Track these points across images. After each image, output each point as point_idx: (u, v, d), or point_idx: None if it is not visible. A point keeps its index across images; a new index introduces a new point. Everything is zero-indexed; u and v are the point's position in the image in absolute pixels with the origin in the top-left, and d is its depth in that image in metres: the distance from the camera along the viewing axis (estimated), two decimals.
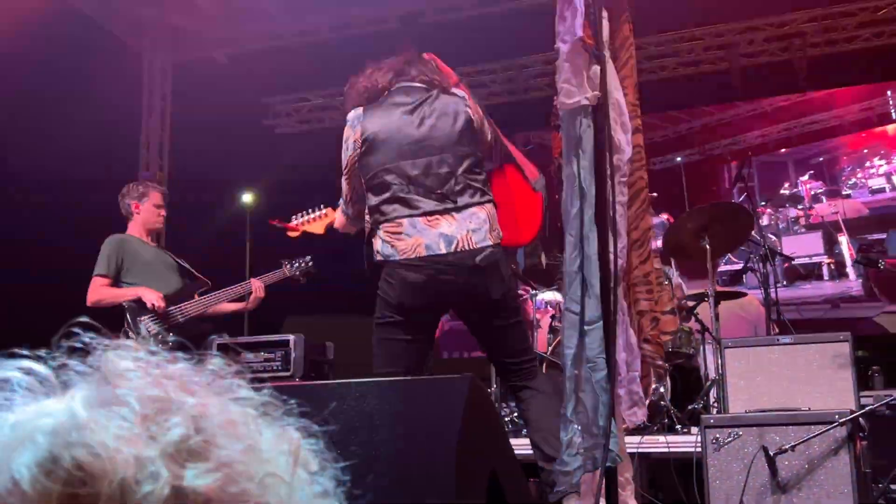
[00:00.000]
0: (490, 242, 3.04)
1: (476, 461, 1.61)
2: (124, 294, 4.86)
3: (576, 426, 2.24)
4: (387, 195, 3.15)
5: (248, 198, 8.57)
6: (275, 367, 6.20)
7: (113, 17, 8.90)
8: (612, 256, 2.21)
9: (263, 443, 0.66)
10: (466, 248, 3.01)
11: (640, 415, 2.35)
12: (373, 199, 3.20)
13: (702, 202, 8.38)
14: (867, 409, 4.57)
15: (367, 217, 3.27)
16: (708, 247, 6.14)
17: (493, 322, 3.12)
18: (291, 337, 6.26)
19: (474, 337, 3.27)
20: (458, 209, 3.04)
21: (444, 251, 3.01)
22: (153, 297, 4.79)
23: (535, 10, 8.44)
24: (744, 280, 9.13)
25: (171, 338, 4.78)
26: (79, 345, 0.69)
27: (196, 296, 5.04)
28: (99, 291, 4.88)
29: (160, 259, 5.18)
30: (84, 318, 0.74)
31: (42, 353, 0.68)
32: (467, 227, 3.02)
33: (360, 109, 3.34)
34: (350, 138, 3.33)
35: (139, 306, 4.79)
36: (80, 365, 0.66)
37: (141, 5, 8.99)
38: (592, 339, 2.21)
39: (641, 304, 2.40)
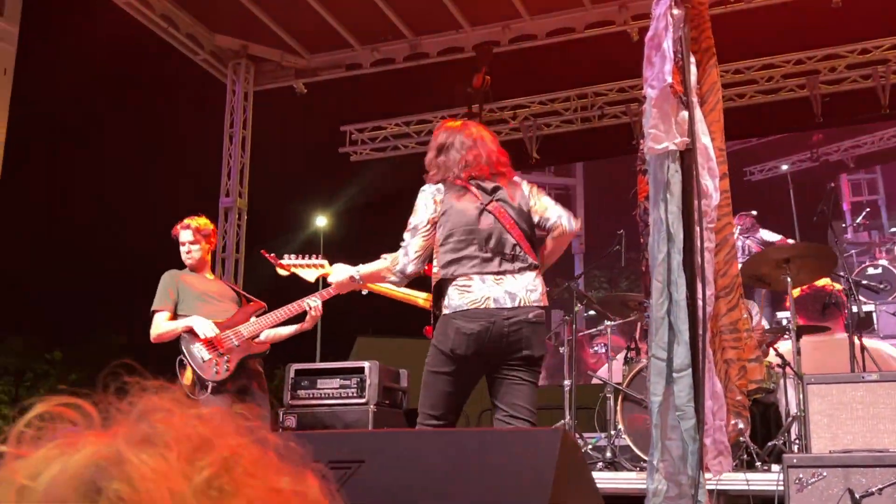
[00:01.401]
0: (542, 304, 3.46)
1: None
2: (178, 326, 4.97)
3: (661, 475, 2.22)
4: (461, 253, 3.52)
5: (322, 222, 8.71)
6: (350, 394, 6.26)
7: (199, 48, 9.20)
8: (700, 303, 2.19)
9: (284, 484, 0.69)
10: (524, 304, 3.41)
11: (725, 464, 2.32)
12: (448, 255, 3.51)
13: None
14: None
15: (437, 271, 3.56)
16: (789, 279, 6.04)
17: (522, 376, 3.45)
18: (367, 364, 6.31)
19: (492, 393, 3.53)
20: (519, 271, 3.49)
21: (509, 305, 3.40)
22: (204, 327, 4.90)
23: (604, 40, 8.46)
24: (874, 324, 8.78)
25: (225, 363, 4.86)
26: (121, 384, 0.74)
27: (252, 318, 5.08)
28: (159, 326, 5.03)
29: (214, 289, 5.25)
30: (127, 361, 0.79)
31: (86, 391, 0.73)
32: (525, 287, 3.44)
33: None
34: (431, 199, 3.63)
35: (192, 336, 4.90)
36: (122, 404, 0.70)
37: (226, 38, 9.27)
38: (681, 387, 2.19)
39: (729, 352, 2.37)
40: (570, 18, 8.66)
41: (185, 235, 5.24)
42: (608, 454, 6.16)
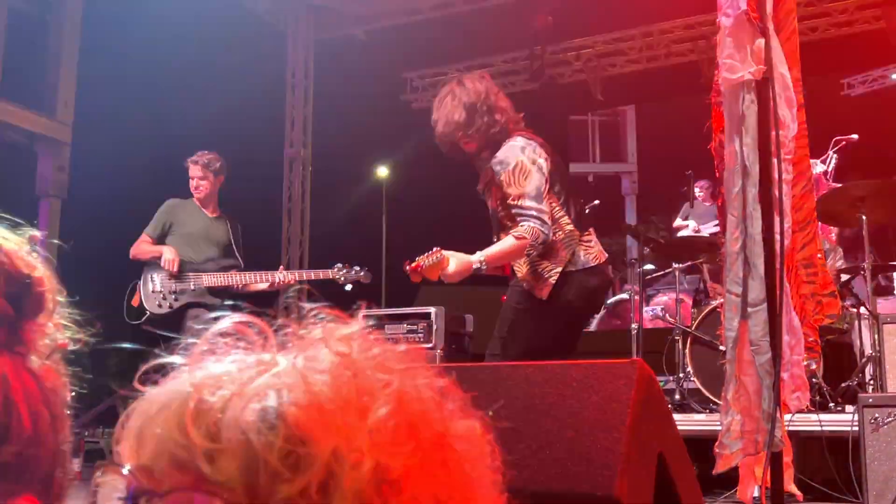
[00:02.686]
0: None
1: (645, 445, 1.62)
2: (151, 251, 5.26)
3: (736, 410, 2.20)
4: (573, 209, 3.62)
5: (384, 171, 8.74)
6: (418, 339, 6.34)
7: None
8: (778, 237, 2.14)
9: (453, 430, 0.68)
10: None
11: (803, 399, 2.29)
12: (567, 213, 3.60)
13: None
14: None
15: (557, 232, 3.56)
16: (864, 217, 5.87)
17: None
18: (433, 309, 6.37)
19: (558, 348, 3.50)
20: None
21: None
22: (169, 258, 5.14)
23: None
24: None
25: (172, 300, 5.12)
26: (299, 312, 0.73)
27: (221, 272, 5.26)
28: (137, 246, 5.34)
29: (208, 230, 5.42)
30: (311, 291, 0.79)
31: (264, 311, 0.73)
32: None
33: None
34: (538, 157, 3.60)
35: (156, 263, 5.20)
36: (301, 329, 0.69)
37: None
38: (756, 322, 2.16)
39: (805, 286, 2.32)
40: None
41: (194, 171, 5.44)
42: (677, 397, 6.14)
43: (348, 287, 5.32)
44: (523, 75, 10.09)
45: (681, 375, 6.27)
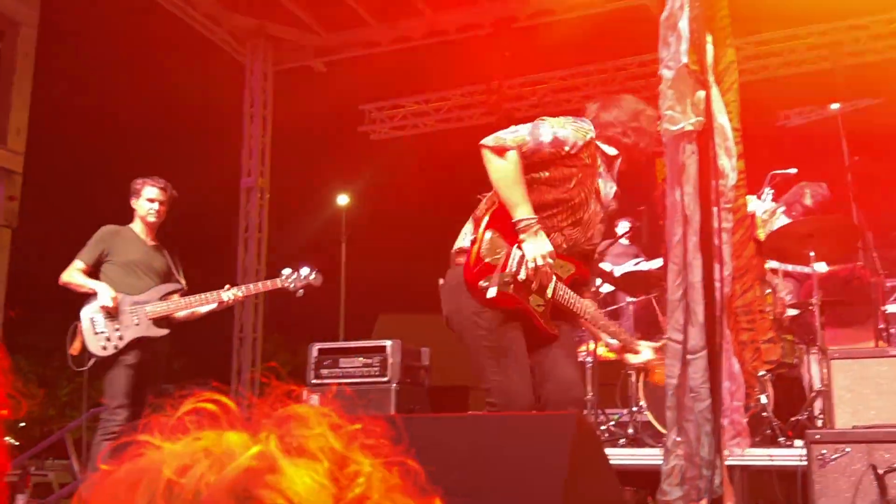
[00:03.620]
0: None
1: (583, 498, 1.63)
2: (86, 285, 4.95)
3: (678, 456, 2.23)
4: None
5: (343, 200, 8.73)
6: (373, 373, 6.31)
7: (217, 27, 9.20)
8: (717, 284, 2.19)
9: None
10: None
11: (743, 445, 2.32)
12: None
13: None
14: None
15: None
16: (813, 254, 5.99)
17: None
18: (389, 343, 6.35)
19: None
20: None
21: None
22: (105, 297, 4.87)
23: (625, 14, 8.38)
24: None
25: (117, 339, 4.84)
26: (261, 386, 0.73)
27: (165, 298, 5.03)
28: (71, 274, 5.03)
29: (148, 258, 5.17)
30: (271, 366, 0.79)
31: (228, 388, 0.73)
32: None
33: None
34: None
35: (94, 300, 4.90)
36: (267, 406, 0.70)
37: (243, 17, 9.27)
38: (696, 369, 2.19)
39: (743, 333, 2.37)
40: None
41: (154, 193, 5.17)
42: (630, 430, 6.17)
43: (300, 293, 5.14)
44: (480, 108, 10.20)
45: (634, 409, 6.31)
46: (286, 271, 5.16)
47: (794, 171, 8.37)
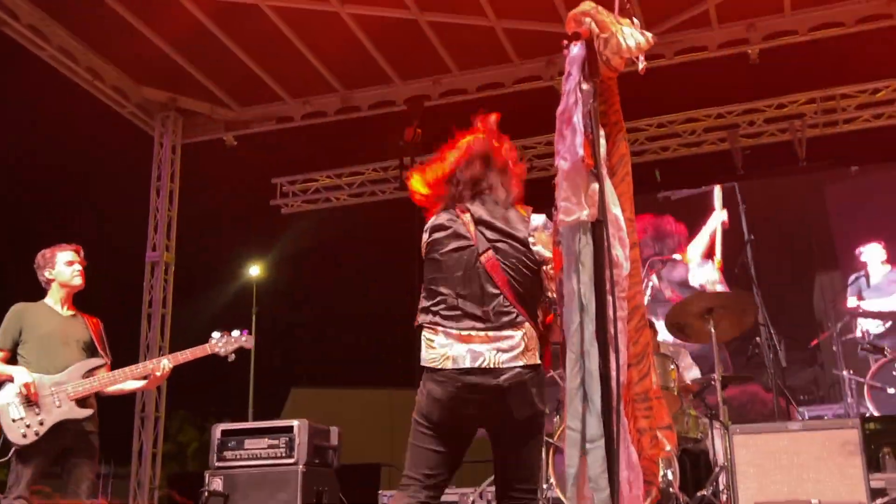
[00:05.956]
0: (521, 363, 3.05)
1: None
2: (2, 372, 4.69)
3: None
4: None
5: (255, 271, 8.62)
6: (279, 454, 6.15)
7: (125, 100, 9.10)
8: (613, 373, 2.22)
9: None
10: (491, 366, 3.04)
11: None
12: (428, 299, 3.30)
13: None
14: (877, 502, 4.53)
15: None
16: (713, 330, 6.16)
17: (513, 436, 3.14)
18: (296, 423, 6.22)
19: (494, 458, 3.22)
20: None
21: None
22: (22, 383, 4.61)
23: (532, 94, 8.63)
24: None
25: (38, 425, 4.58)
26: None
27: (89, 374, 4.80)
28: None
29: (64, 330, 4.92)
30: None
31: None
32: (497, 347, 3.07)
33: None
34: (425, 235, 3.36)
35: (10, 386, 4.64)
36: None
37: (153, 90, 9.20)
38: (594, 458, 2.21)
39: (641, 421, 2.40)
40: (499, 73, 8.82)
41: (70, 255, 4.98)
42: None
43: (232, 358, 4.92)
44: (393, 184, 10.28)
45: (544, 486, 6.30)
46: (216, 335, 4.95)
47: (678, 257, 8.84)
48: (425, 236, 3.28)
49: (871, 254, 9.47)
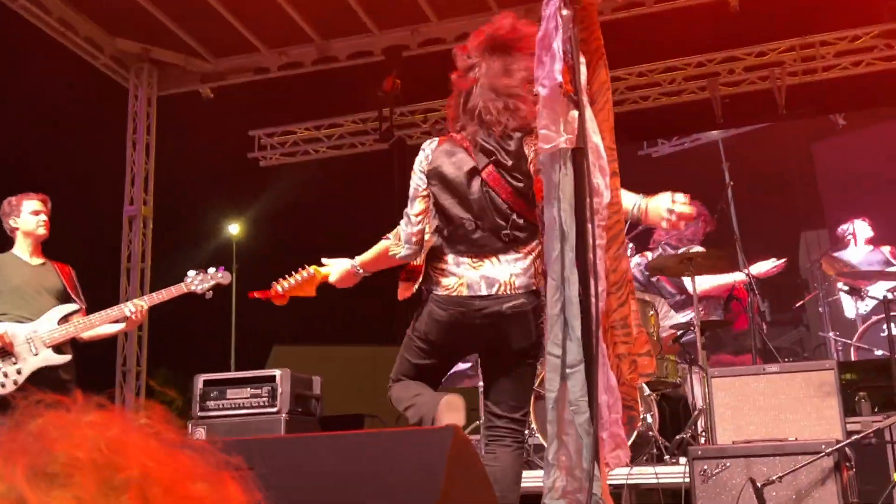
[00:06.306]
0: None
1: None
2: None
3: (559, 470, 2.25)
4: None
5: (234, 228, 8.56)
6: (261, 403, 6.17)
7: (98, 52, 8.95)
8: (593, 299, 2.22)
9: (201, 491, 0.64)
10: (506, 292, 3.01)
11: (622, 457, 2.36)
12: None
13: None
14: (853, 438, 4.60)
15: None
16: (693, 276, 6.22)
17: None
18: (278, 372, 6.22)
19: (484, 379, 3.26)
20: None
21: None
22: None
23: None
24: None
25: (16, 374, 4.55)
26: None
27: (64, 321, 4.73)
28: None
29: (36, 280, 4.85)
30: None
31: None
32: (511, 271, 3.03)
33: None
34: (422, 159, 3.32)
35: None
36: (10, 423, 0.63)
37: (127, 42, 9.05)
38: (574, 383, 2.22)
39: (620, 347, 2.42)
40: (478, 22, 8.61)
41: (35, 205, 4.90)
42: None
43: (209, 295, 4.87)
44: (372, 135, 10.21)
45: (526, 432, 6.36)
46: (191, 273, 4.90)
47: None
48: (426, 155, 3.22)
49: (858, 230, 9.28)
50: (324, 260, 3.54)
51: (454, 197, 3.09)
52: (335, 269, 3.47)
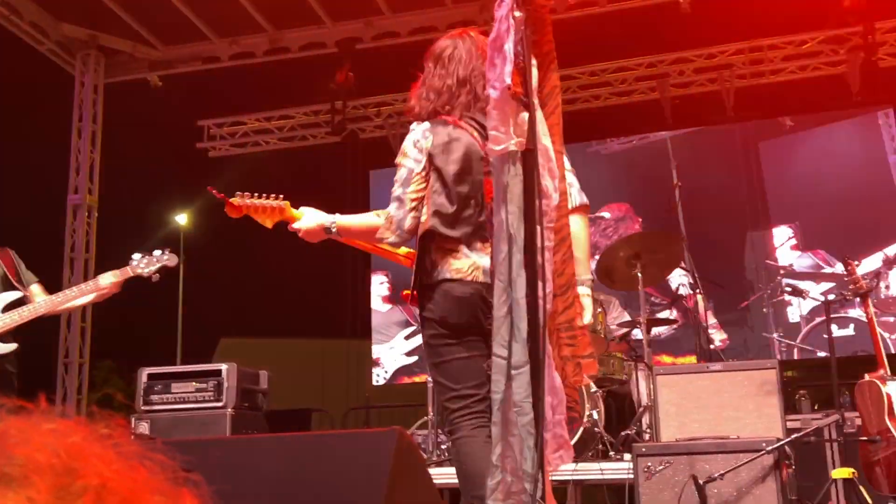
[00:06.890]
0: None
1: None
2: None
3: (503, 471, 2.26)
4: None
5: (182, 219, 8.44)
6: (207, 398, 6.09)
7: (43, 37, 8.74)
8: (540, 301, 2.24)
9: None
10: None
11: (565, 458, 2.38)
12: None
13: None
14: (793, 437, 4.70)
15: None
16: (640, 275, 6.27)
17: None
18: (224, 366, 6.16)
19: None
20: None
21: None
22: None
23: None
24: None
25: None
26: None
27: (9, 309, 4.52)
28: None
29: None
30: None
31: None
32: None
33: None
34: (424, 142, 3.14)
35: None
36: None
37: (73, 27, 8.85)
38: (519, 384, 2.23)
39: (565, 349, 2.44)
40: (432, 16, 8.70)
41: None
42: None
43: (156, 278, 4.60)
44: (325, 128, 10.13)
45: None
46: (136, 256, 4.61)
47: (606, 214, 8.90)
48: (424, 135, 3.09)
49: (783, 236, 9.47)
50: (292, 208, 3.32)
51: (461, 177, 3.00)
52: (308, 217, 3.30)
